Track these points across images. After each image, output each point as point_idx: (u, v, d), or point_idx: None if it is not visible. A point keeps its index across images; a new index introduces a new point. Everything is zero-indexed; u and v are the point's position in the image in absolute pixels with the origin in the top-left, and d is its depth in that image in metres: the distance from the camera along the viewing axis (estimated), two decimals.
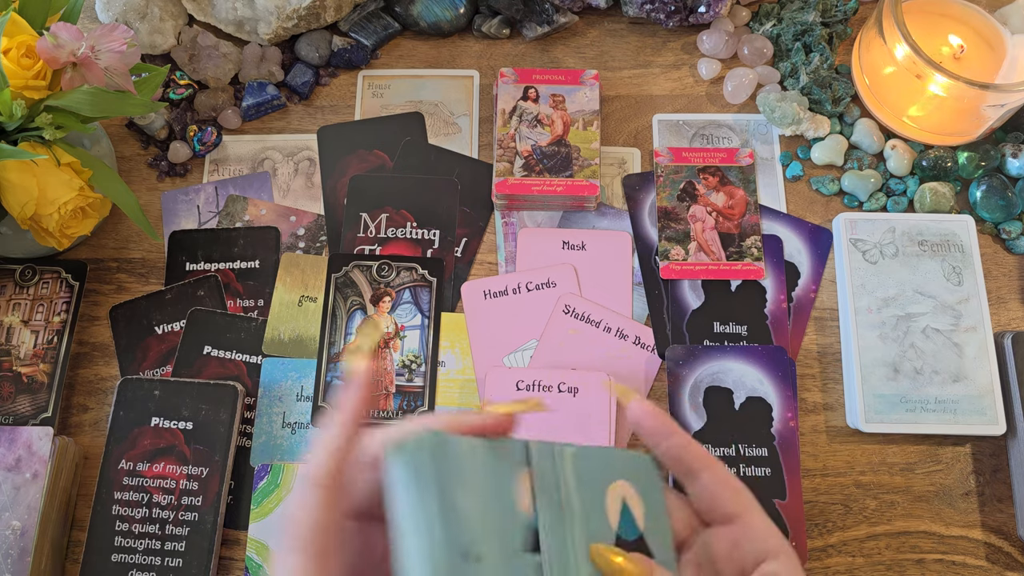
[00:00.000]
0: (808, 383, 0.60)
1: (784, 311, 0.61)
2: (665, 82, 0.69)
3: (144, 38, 0.66)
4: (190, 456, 0.55)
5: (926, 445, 0.58)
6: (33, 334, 0.60)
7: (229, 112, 0.67)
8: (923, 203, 0.63)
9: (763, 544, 0.37)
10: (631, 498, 0.36)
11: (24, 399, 0.58)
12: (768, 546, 0.37)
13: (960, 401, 0.56)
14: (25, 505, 0.53)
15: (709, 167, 0.64)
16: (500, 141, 0.63)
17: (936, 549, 0.56)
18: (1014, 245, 0.62)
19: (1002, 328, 0.60)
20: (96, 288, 0.63)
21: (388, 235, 0.63)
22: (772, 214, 0.63)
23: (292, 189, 0.66)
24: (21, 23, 0.51)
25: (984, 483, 0.57)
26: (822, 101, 0.65)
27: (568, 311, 0.61)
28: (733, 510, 0.38)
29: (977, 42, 0.64)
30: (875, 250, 0.60)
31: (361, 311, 0.61)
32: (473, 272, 0.63)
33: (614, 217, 0.64)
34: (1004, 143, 0.64)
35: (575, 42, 0.70)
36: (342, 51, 0.68)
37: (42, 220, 0.53)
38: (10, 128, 0.51)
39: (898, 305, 0.59)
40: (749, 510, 0.37)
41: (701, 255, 0.61)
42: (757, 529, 0.37)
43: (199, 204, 0.65)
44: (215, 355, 0.60)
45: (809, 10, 0.67)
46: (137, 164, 0.67)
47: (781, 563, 0.36)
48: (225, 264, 0.63)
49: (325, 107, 0.68)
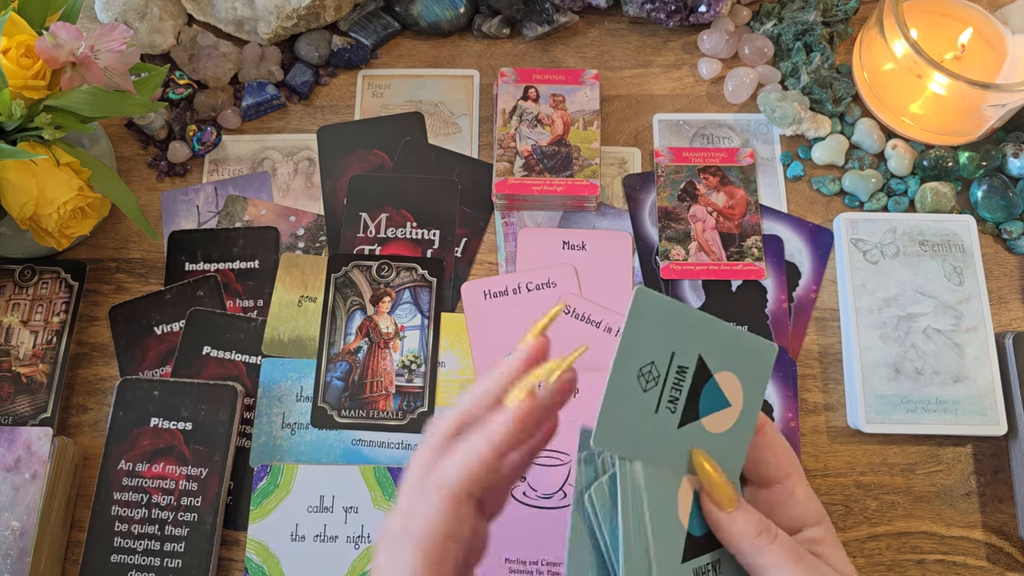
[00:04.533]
0: (809, 383, 0.60)
1: (785, 311, 0.60)
2: (665, 82, 0.68)
3: (143, 38, 0.66)
4: (189, 456, 0.55)
5: (927, 445, 0.58)
6: (32, 334, 0.60)
7: (229, 112, 0.67)
8: (924, 203, 0.62)
9: (802, 510, 0.36)
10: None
11: (23, 399, 0.58)
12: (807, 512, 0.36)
13: (961, 401, 0.56)
14: (24, 505, 0.53)
15: (710, 167, 0.64)
16: (500, 141, 0.63)
17: (937, 550, 0.56)
18: (1015, 245, 0.62)
19: (1003, 328, 0.60)
20: (95, 288, 0.63)
21: (388, 235, 0.63)
22: (773, 214, 0.63)
23: (292, 189, 0.66)
24: (20, 23, 0.51)
25: (985, 483, 0.57)
26: (823, 101, 0.65)
27: (568, 311, 0.60)
28: (774, 475, 0.37)
29: (978, 41, 0.64)
30: (876, 250, 0.60)
31: (361, 311, 0.61)
32: (473, 272, 0.63)
33: (614, 217, 0.64)
34: (1005, 143, 0.64)
35: (575, 42, 0.70)
36: (342, 51, 0.68)
37: (41, 220, 0.53)
38: (9, 128, 0.51)
39: (899, 305, 0.59)
40: (791, 475, 0.37)
41: (702, 255, 0.61)
42: (797, 496, 0.37)
43: (199, 204, 0.65)
44: (214, 355, 0.60)
45: (810, 9, 0.67)
46: (136, 164, 0.67)
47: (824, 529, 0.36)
48: (225, 264, 0.63)
49: (325, 107, 0.68)
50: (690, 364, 0.35)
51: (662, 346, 0.35)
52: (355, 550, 0.54)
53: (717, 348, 0.36)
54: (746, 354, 0.36)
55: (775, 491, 0.37)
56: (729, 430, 0.36)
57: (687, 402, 0.36)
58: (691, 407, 0.36)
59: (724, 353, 0.36)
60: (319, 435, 0.58)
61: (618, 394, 0.34)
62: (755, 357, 0.37)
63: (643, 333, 0.34)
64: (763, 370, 0.37)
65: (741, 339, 0.36)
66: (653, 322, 0.34)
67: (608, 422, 0.34)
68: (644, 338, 0.34)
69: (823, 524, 0.37)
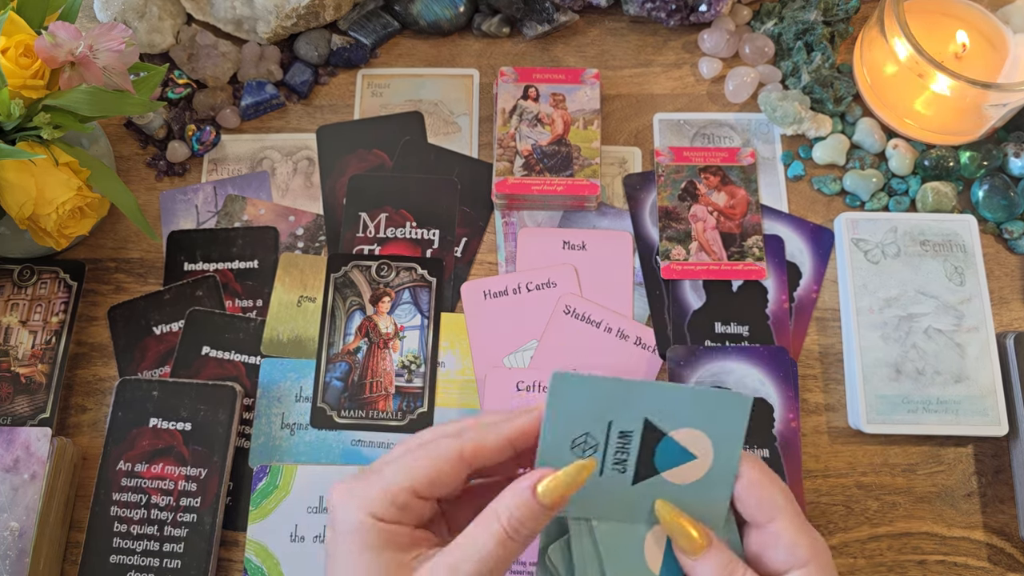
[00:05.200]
0: (810, 384, 0.59)
1: (785, 311, 0.60)
2: (666, 81, 0.68)
3: (142, 37, 0.66)
4: (189, 457, 0.55)
5: (928, 446, 0.58)
6: (31, 334, 0.60)
7: (228, 111, 0.67)
8: (925, 203, 0.62)
9: (788, 553, 0.36)
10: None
11: (22, 400, 0.58)
12: (795, 556, 0.36)
13: (962, 402, 0.56)
14: (23, 506, 0.52)
15: (710, 166, 0.64)
16: (500, 140, 0.63)
17: (938, 550, 0.55)
18: (1016, 245, 0.62)
19: (1004, 328, 0.60)
20: (94, 288, 0.63)
21: (387, 235, 0.63)
22: (773, 214, 0.63)
23: (291, 189, 0.65)
24: (19, 22, 0.51)
25: (986, 484, 0.57)
26: (824, 100, 0.65)
27: (568, 311, 0.60)
28: (757, 518, 0.37)
29: (979, 41, 0.64)
30: (877, 250, 0.60)
31: (360, 311, 0.61)
32: (473, 272, 0.63)
33: (615, 217, 0.64)
34: (1006, 142, 0.64)
35: (575, 41, 0.70)
36: (341, 50, 0.68)
37: (40, 220, 0.53)
38: (8, 127, 0.51)
39: (900, 305, 0.58)
40: (778, 517, 0.37)
41: (702, 255, 0.61)
42: (783, 539, 0.37)
43: (198, 204, 0.65)
44: (214, 355, 0.59)
45: (811, 9, 0.67)
46: (135, 164, 0.66)
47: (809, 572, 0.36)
48: (224, 264, 0.62)
49: (324, 106, 0.68)
50: (634, 428, 0.36)
51: (595, 418, 0.36)
52: None
53: (669, 410, 0.37)
54: (711, 409, 0.37)
55: (764, 532, 0.37)
56: (700, 480, 0.37)
57: (639, 461, 0.37)
58: (645, 464, 0.37)
59: (679, 412, 0.37)
60: (318, 435, 0.58)
61: (552, 464, 0.36)
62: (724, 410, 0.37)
63: (569, 412, 0.36)
64: (736, 420, 0.37)
65: (702, 397, 0.37)
66: (578, 400, 0.36)
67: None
68: (571, 415, 0.36)
69: (811, 566, 0.36)
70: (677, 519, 0.37)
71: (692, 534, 0.36)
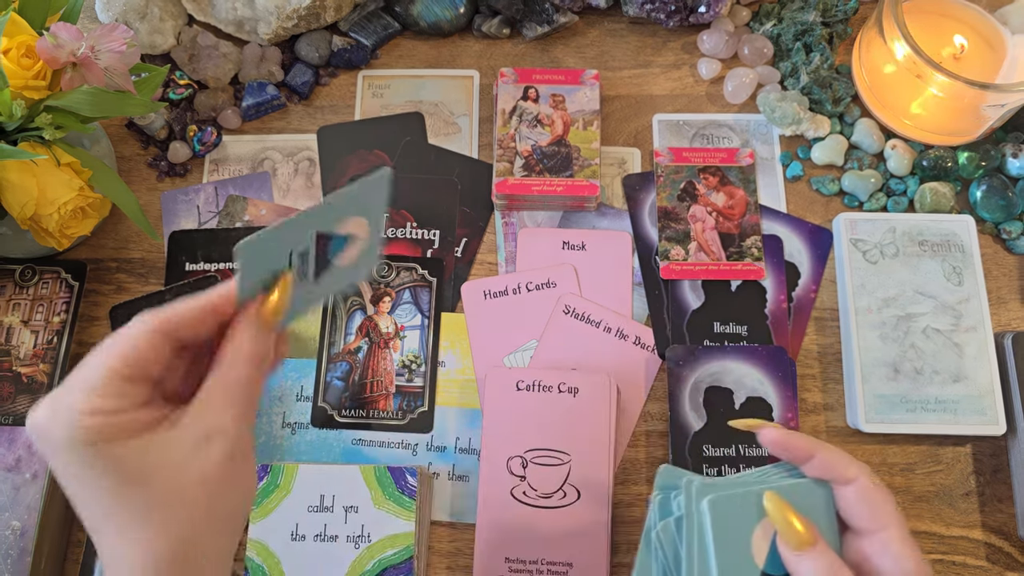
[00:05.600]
0: (808, 383, 0.60)
1: (784, 311, 0.61)
2: (665, 82, 0.69)
3: (144, 38, 0.66)
4: None
5: (926, 445, 0.58)
6: (33, 334, 0.60)
7: (229, 112, 0.67)
8: (923, 203, 0.62)
9: (893, 565, 0.36)
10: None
11: (24, 399, 0.58)
12: (901, 569, 0.36)
13: (960, 401, 0.56)
14: (25, 505, 0.53)
15: (709, 167, 0.64)
16: (500, 141, 0.63)
17: (936, 549, 0.56)
18: (1014, 245, 0.62)
19: (1002, 328, 0.60)
20: (96, 288, 0.63)
21: (388, 235, 0.63)
22: (772, 214, 0.63)
23: (292, 189, 0.66)
24: (21, 23, 0.51)
25: (984, 483, 0.57)
26: (822, 101, 0.65)
27: (568, 311, 0.61)
28: (867, 526, 0.37)
29: (977, 42, 0.64)
30: (875, 250, 0.60)
31: (361, 311, 0.61)
32: (473, 272, 0.63)
33: (614, 217, 0.64)
34: (1004, 143, 0.64)
35: (575, 42, 0.70)
36: (342, 51, 0.68)
37: (42, 220, 0.53)
38: (10, 128, 0.51)
39: (898, 305, 0.59)
40: (891, 526, 0.37)
41: (701, 255, 0.61)
42: (891, 550, 0.36)
43: (199, 204, 0.65)
44: None
45: (809, 10, 0.67)
46: (137, 164, 0.67)
47: None
48: (225, 264, 0.63)
49: (325, 107, 0.68)
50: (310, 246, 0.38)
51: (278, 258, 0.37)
52: (355, 549, 0.54)
53: (331, 217, 0.37)
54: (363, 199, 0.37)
55: (872, 541, 0.37)
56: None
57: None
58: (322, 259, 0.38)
59: (341, 216, 0.37)
60: (319, 435, 0.58)
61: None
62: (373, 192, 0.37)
63: (256, 265, 0.37)
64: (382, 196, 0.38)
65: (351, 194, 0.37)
66: (261, 253, 0.36)
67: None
68: (258, 267, 0.37)
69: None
70: (784, 512, 0.37)
71: (798, 528, 0.36)
